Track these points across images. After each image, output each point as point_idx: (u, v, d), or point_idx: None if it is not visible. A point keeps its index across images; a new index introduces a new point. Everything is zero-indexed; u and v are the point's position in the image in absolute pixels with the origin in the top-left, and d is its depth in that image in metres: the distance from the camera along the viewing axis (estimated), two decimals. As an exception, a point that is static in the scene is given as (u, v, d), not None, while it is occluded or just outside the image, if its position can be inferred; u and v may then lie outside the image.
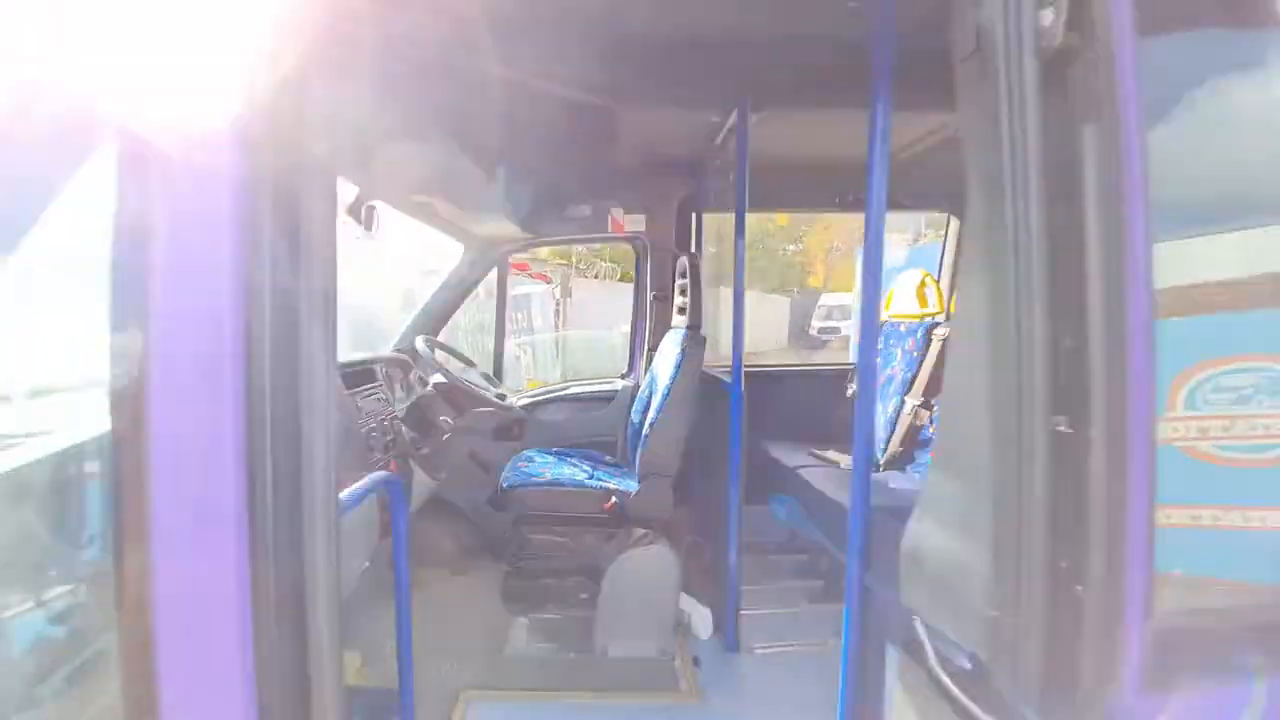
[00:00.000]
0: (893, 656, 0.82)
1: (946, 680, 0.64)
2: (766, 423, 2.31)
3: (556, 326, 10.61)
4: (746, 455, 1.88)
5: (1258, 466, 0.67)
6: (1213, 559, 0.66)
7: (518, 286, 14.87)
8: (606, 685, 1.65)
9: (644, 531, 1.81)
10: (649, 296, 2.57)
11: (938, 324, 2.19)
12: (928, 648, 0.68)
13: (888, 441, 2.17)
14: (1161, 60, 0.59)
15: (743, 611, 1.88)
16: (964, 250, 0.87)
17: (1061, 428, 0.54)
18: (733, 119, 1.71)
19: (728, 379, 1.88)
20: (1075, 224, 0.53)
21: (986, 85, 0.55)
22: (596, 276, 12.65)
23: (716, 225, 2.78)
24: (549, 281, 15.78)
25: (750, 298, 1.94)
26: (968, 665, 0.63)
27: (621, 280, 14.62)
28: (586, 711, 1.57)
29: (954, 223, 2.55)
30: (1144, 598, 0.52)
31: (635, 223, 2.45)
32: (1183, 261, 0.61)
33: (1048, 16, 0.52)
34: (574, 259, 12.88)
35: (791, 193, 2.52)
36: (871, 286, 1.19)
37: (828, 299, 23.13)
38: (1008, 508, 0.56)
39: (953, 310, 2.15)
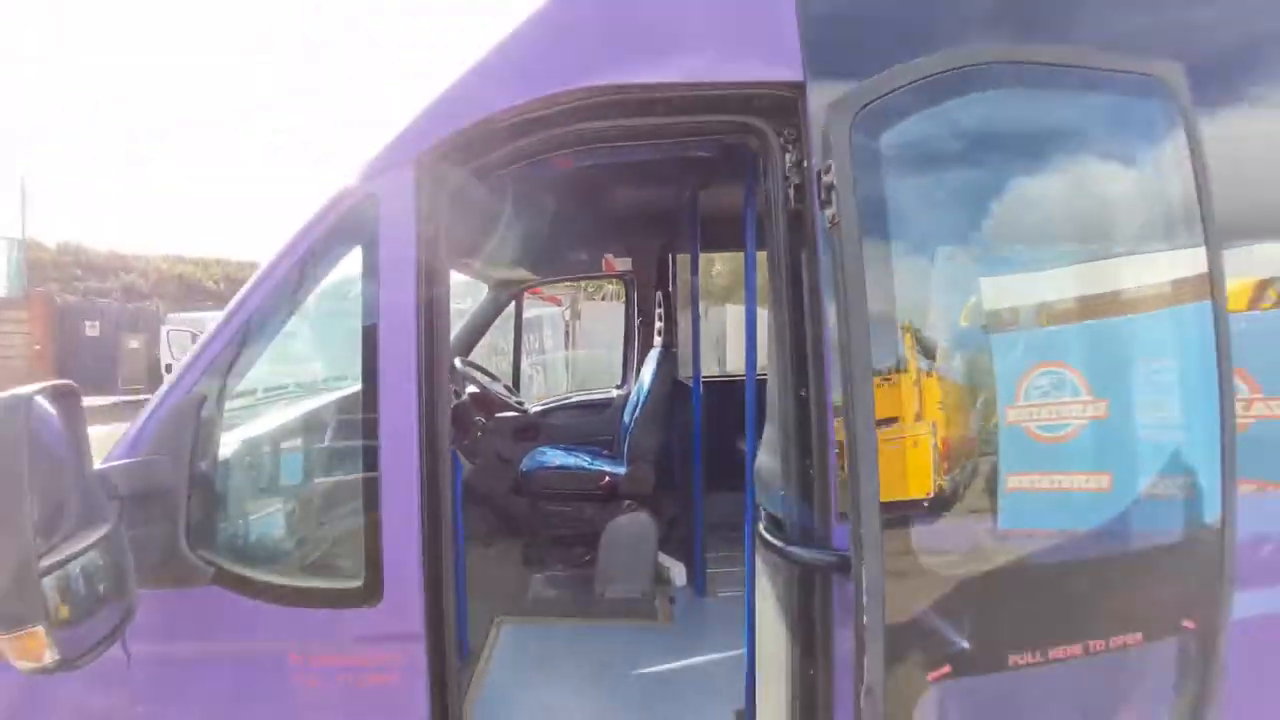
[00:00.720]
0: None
1: (767, 535, 1.18)
2: (733, 421, 2.87)
3: (567, 346, 11.25)
4: (719, 448, 2.43)
5: (1057, 442, 1.03)
6: (1038, 514, 0.98)
7: (530, 309, 15.54)
8: (603, 615, 2.20)
9: (630, 503, 2.37)
10: (636, 322, 3.18)
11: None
12: (763, 523, 1.23)
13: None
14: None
15: (709, 571, 2.42)
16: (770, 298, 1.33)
17: (802, 393, 1.10)
18: (689, 193, 2.32)
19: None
20: (800, 293, 1.10)
21: (769, 221, 1.14)
22: (604, 299, 13.36)
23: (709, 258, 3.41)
24: (560, 304, 16.47)
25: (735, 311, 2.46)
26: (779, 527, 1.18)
27: (620, 301, 15.37)
28: (587, 632, 2.11)
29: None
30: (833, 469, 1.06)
31: (624, 264, 3.08)
32: (1002, 291, 1.06)
33: (791, 199, 1.10)
34: (584, 283, 13.58)
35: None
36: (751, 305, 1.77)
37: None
38: (785, 437, 1.13)
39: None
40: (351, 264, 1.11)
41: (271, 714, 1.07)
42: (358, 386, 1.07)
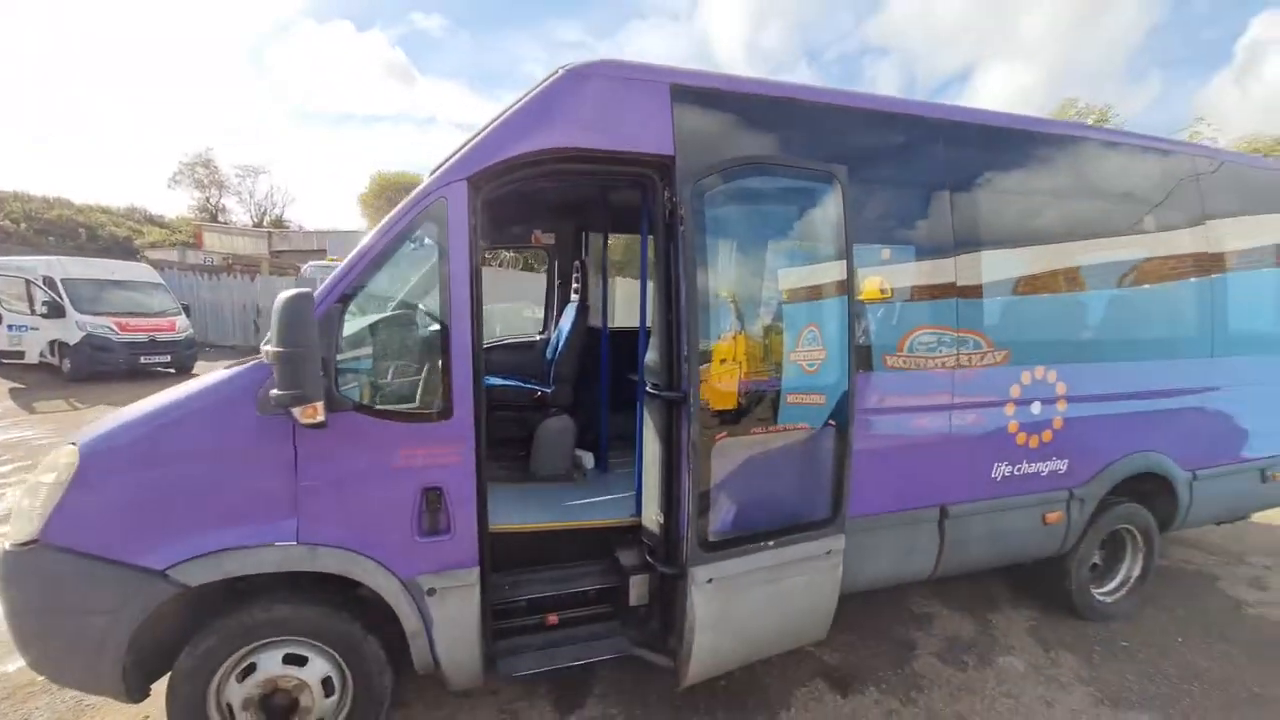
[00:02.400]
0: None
1: (651, 391, 2.28)
2: (626, 359, 3.99)
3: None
4: (617, 377, 3.51)
5: (908, 381, 2.48)
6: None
7: None
8: (538, 482, 3.21)
9: (555, 410, 3.38)
10: (556, 283, 4.15)
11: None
12: (648, 389, 2.32)
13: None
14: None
15: (611, 460, 3.53)
16: (655, 270, 2.46)
17: (669, 319, 2.20)
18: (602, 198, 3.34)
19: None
20: (671, 267, 2.18)
21: (655, 227, 2.21)
22: (500, 265, 13.82)
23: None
24: None
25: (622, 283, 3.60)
26: (657, 388, 2.28)
27: (522, 270, 15.78)
28: (527, 492, 3.10)
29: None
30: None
31: (549, 239, 4.03)
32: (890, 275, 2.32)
33: (666, 217, 2.17)
34: (483, 255, 13.94)
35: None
36: (644, 275, 2.86)
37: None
38: (660, 345, 2.22)
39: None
40: (431, 233, 1.98)
41: (389, 484, 1.94)
42: (436, 301, 1.96)
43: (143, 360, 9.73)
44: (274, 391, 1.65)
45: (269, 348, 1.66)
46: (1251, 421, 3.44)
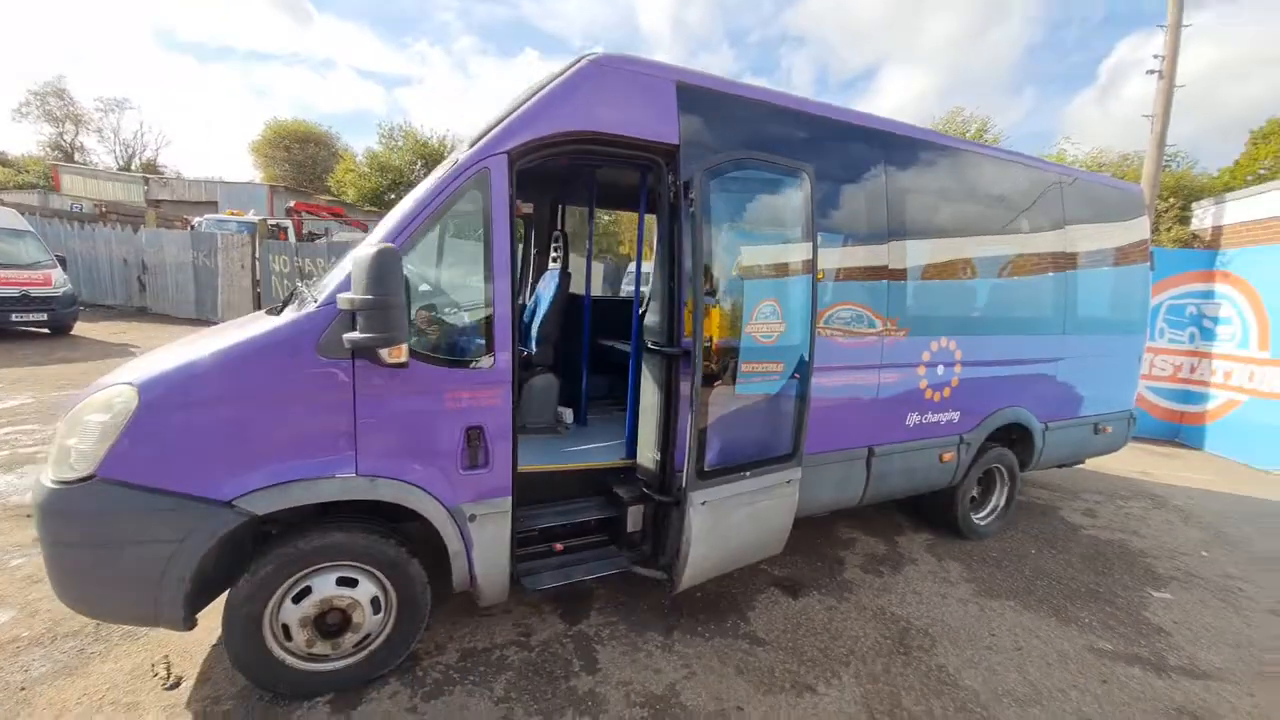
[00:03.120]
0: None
1: (652, 346, 2.66)
2: (605, 327, 4.31)
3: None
4: (596, 343, 3.84)
5: (850, 347, 2.98)
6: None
7: (342, 233, 14.36)
8: (524, 434, 3.50)
9: (539, 369, 3.66)
10: (534, 252, 4.37)
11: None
12: (648, 345, 2.70)
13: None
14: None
15: (589, 415, 3.88)
16: (658, 241, 2.84)
17: (670, 286, 2.58)
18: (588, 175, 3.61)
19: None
20: (674, 238, 2.55)
21: (659, 204, 2.57)
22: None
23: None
24: (365, 229, 15.47)
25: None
26: (657, 345, 2.66)
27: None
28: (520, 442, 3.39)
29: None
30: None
31: (528, 209, 4.22)
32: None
33: (671, 197, 2.53)
34: None
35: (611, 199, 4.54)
36: (640, 248, 3.21)
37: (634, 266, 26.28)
38: (661, 308, 2.60)
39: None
40: (475, 198, 2.21)
41: (438, 422, 2.19)
42: (480, 257, 2.21)
43: (14, 318, 8.53)
44: (359, 335, 1.85)
45: (354, 295, 1.85)
46: (1088, 387, 4.44)
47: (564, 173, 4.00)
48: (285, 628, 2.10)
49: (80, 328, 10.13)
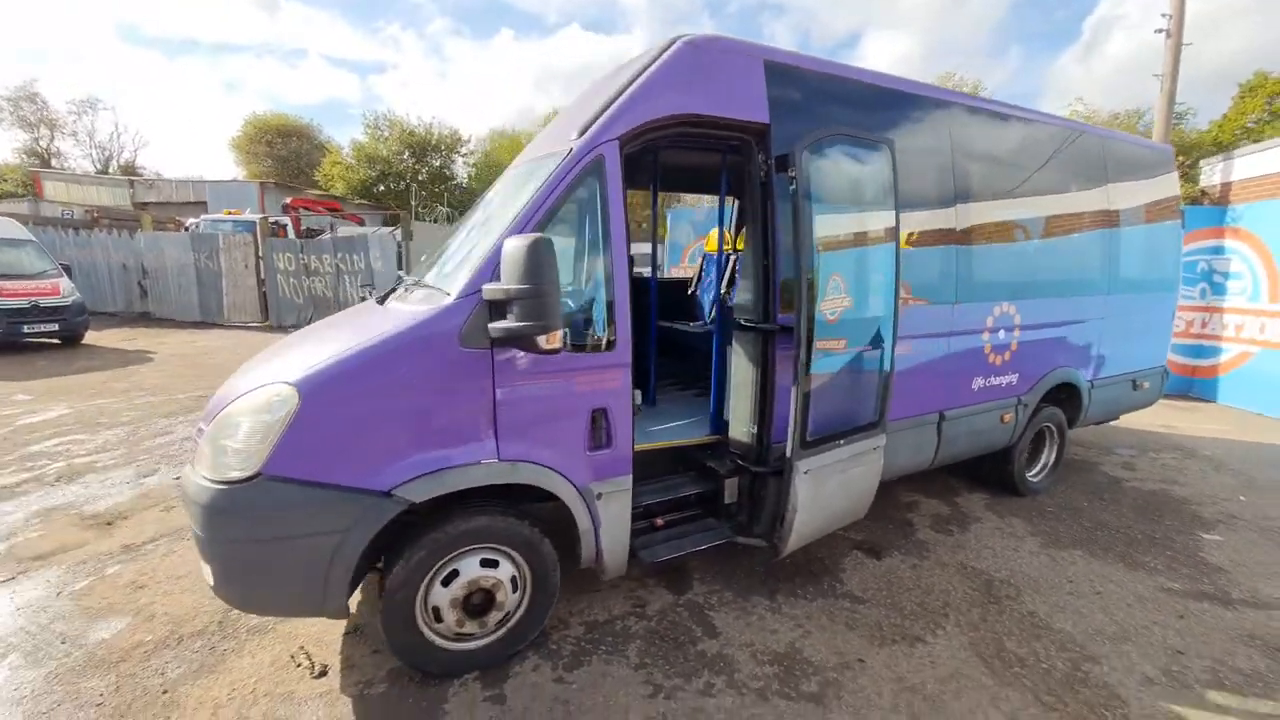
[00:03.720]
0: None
1: (743, 323, 2.73)
2: (669, 307, 4.37)
3: (400, 265, 10.97)
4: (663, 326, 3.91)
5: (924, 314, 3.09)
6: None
7: (345, 228, 14.19)
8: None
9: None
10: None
11: (726, 254, 4.47)
12: (740, 322, 2.77)
13: (709, 310, 4.41)
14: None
15: (659, 396, 3.95)
16: (748, 220, 2.89)
17: (765, 265, 2.64)
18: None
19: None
20: (766, 217, 2.61)
21: (748, 182, 2.61)
22: (435, 220, 13.09)
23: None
24: (361, 222, 15.28)
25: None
26: (751, 320, 2.73)
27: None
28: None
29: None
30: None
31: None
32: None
33: (762, 174, 2.58)
34: (414, 201, 13.02)
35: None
36: (721, 229, 3.26)
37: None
38: (754, 286, 2.67)
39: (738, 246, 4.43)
40: (591, 185, 2.25)
41: (569, 406, 2.25)
42: (598, 242, 2.25)
43: (26, 330, 8.39)
44: (514, 324, 1.89)
45: (506, 286, 1.89)
46: (1128, 345, 4.59)
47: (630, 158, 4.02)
48: (435, 610, 2.18)
49: (89, 336, 9.98)
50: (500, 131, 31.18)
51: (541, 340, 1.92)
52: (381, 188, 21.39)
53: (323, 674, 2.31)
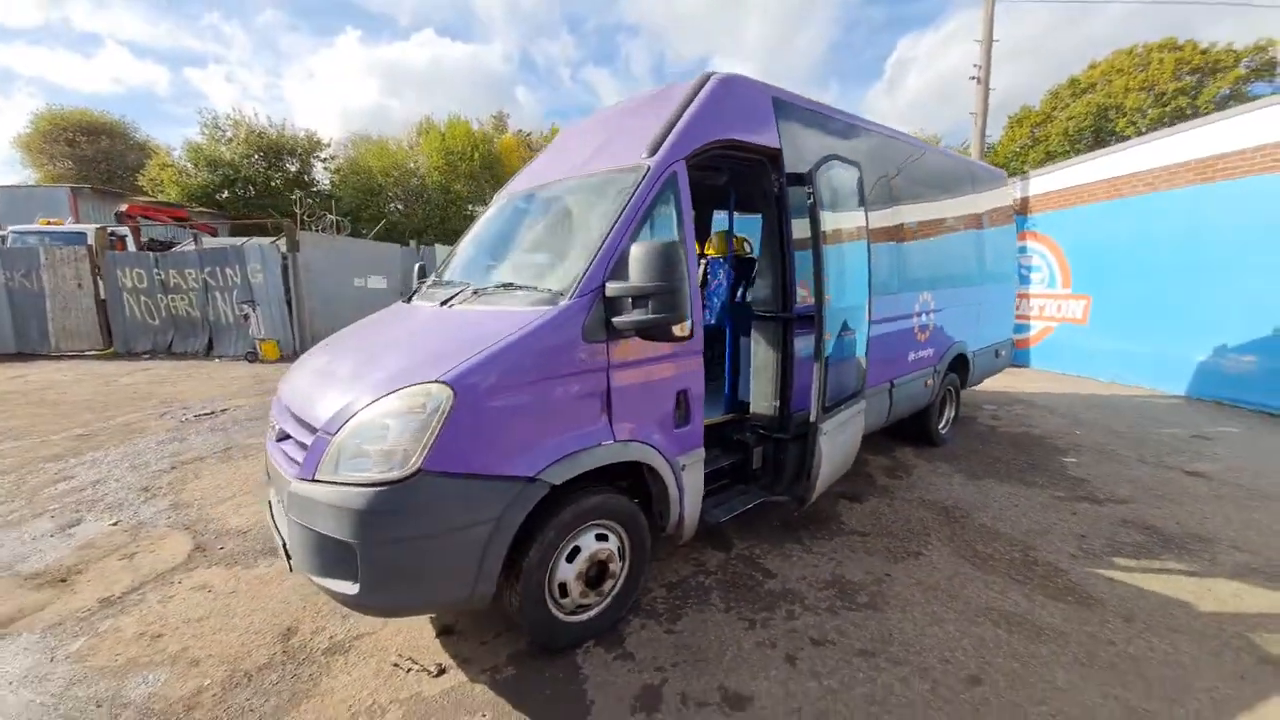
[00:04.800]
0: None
1: (761, 314, 3.24)
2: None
3: (287, 279, 9.92)
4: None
5: (884, 302, 3.56)
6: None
7: (213, 240, 12.46)
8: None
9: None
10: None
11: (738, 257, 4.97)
12: (759, 313, 3.26)
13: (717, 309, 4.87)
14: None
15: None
16: (764, 229, 3.37)
17: (779, 267, 3.17)
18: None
19: None
20: (779, 226, 3.14)
21: (765, 198, 3.13)
22: (323, 230, 11.89)
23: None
24: (213, 232, 13.50)
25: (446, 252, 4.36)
26: (768, 311, 3.23)
27: (355, 235, 13.76)
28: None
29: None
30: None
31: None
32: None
33: (775, 190, 3.10)
34: (299, 208, 11.68)
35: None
36: (730, 241, 3.73)
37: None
38: (771, 281, 3.18)
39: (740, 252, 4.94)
40: (668, 197, 2.57)
41: (661, 390, 2.54)
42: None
43: None
44: (648, 316, 2.16)
45: (639, 283, 2.15)
46: (991, 323, 5.91)
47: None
48: (562, 585, 2.35)
49: None
50: (362, 135, 28.99)
51: (676, 329, 2.22)
52: (226, 194, 18.60)
53: (442, 673, 2.34)
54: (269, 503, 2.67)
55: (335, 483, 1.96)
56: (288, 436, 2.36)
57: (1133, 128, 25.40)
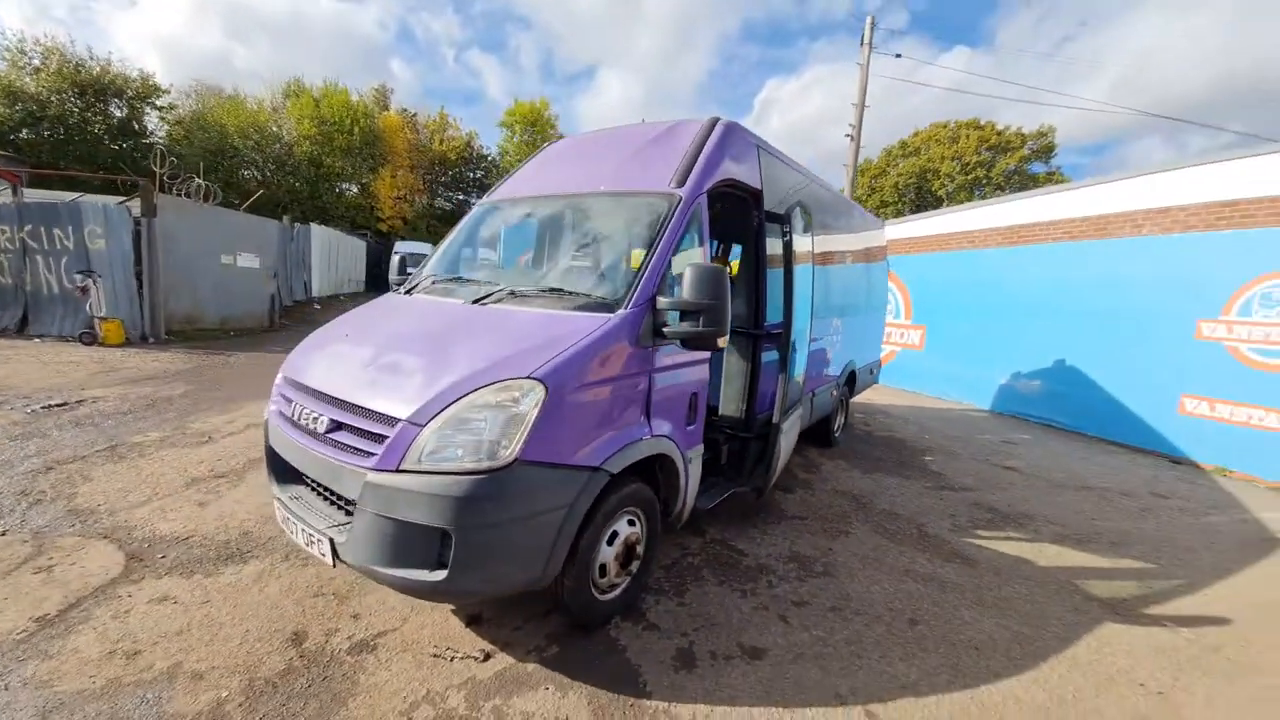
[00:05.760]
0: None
1: (739, 332, 3.78)
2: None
3: (140, 246, 8.36)
4: None
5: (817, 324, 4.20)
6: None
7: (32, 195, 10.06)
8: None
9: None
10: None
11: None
12: (734, 330, 3.79)
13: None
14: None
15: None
16: (742, 261, 3.86)
17: (755, 288, 3.73)
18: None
19: None
20: (757, 255, 3.71)
21: (748, 231, 3.68)
22: (188, 195, 10.00)
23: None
24: (16, 180, 11.06)
25: (325, 236, 4.24)
26: (744, 328, 3.77)
27: (225, 205, 11.63)
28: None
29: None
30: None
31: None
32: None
33: (756, 225, 3.66)
34: (158, 164, 9.65)
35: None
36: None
37: (403, 246, 23.92)
38: (748, 301, 3.74)
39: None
40: (695, 224, 2.97)
41: (682, 391, 2.90)
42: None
43: None
44: (699, 328, 2.52)
45: (691, 299, 2.50)
46: (869, 346, 7.16)
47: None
48: (602, 566, 2.61)
49: None
50: (213, 87, 24.66)
51: (719, 341, 2.62)
52: (28, 134, 14.53)
53: (488, 657, 2.47)
54: (281, 500, 2.55)
55: (429, 472, 2.04)
56: (339, 426, 2.32)
57: (944, 189, 31.15)
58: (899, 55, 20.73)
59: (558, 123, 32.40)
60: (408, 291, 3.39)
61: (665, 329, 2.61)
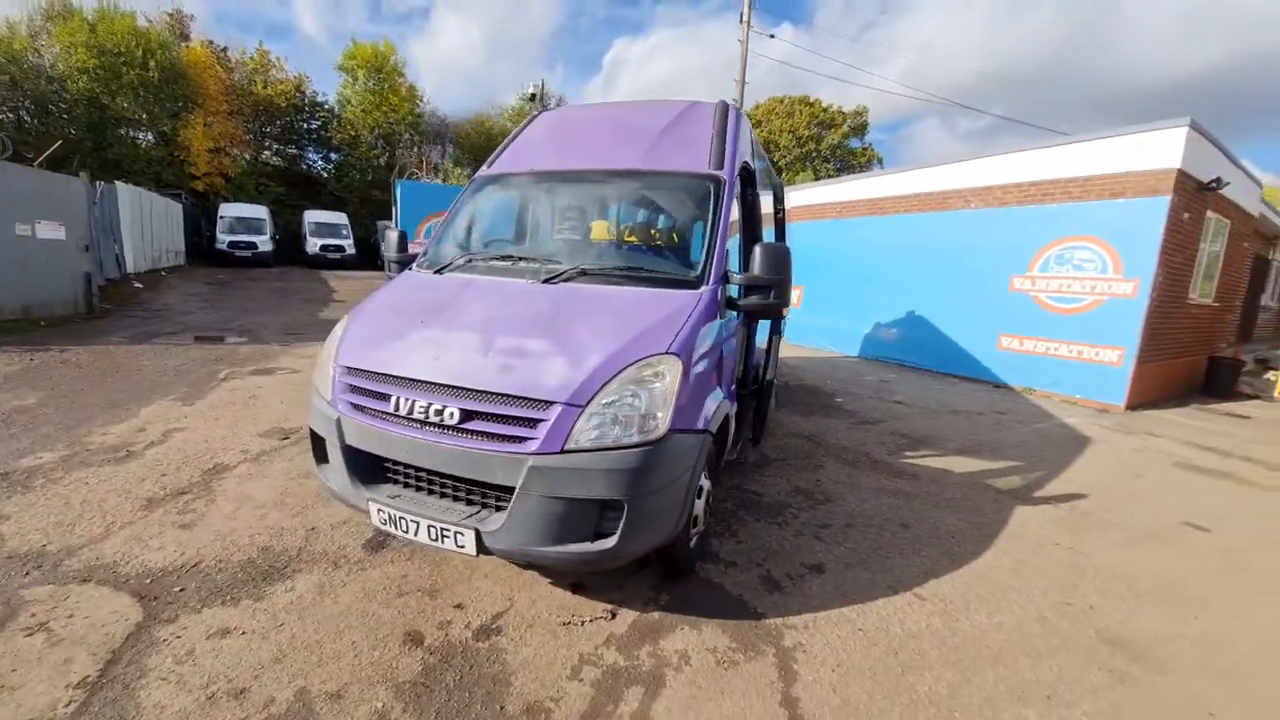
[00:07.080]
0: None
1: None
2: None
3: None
4: None
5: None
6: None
7: None
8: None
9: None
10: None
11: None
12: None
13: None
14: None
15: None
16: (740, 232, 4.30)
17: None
18: None
19: None
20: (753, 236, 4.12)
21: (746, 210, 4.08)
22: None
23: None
24: None
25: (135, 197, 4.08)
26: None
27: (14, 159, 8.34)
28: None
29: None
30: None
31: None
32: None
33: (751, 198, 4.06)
34: None
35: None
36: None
37: (229, 209, 20.00)
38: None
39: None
40: (734, 200, 3.23)
41: (734, 355, 3.22)
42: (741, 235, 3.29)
43: None
44: (771, 300, 2.84)
45: (763, 275, 2.81)
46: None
47: None
48: (694, 517, 2.90)
49: None
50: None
51: (785, 312, 2.96)
52: None
53: (613, 616, 2.65)
54: (377, 501, 2.40)
55: (597, 449, 2.14)
56: (472, 415, 2.25)
57: (784, 160, 34.33)
58: (773, 35, 22.30)
59: (405, 69, 28.96)
60: (437, 271, 3.19)
61: (739, 301, 2.90)
